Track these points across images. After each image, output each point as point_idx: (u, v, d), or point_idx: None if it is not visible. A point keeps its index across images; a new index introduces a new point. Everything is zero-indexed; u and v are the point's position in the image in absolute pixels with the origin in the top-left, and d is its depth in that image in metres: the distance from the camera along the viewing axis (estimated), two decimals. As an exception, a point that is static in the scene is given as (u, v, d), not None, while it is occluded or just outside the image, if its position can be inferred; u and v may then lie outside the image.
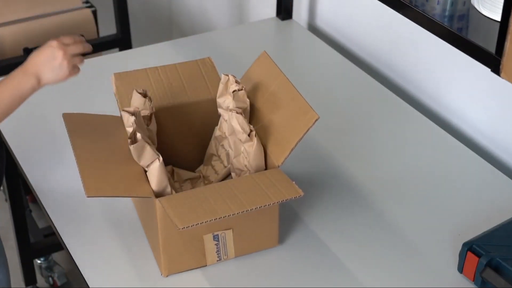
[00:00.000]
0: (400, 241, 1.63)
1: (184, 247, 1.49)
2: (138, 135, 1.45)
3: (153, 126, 1.60)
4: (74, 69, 1.51)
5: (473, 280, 1.50)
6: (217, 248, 1.51)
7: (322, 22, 2.43)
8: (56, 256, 2.67)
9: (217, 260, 1.53)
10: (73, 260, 1.58)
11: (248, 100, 1.59)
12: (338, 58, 2.27)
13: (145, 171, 1.48)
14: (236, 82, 1.59)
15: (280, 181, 1.46)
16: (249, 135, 1.52)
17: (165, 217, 1.42)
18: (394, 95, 2.09)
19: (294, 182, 1.45)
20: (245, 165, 1.54)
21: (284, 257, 1.57)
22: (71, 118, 1.58)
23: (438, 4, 1.55)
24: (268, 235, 1.57)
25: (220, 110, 1.64)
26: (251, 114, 1.61)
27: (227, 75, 1.61)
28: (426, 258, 1.59)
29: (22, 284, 2.58)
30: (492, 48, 1.36)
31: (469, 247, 1.49)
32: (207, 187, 1.48)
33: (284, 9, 2.46)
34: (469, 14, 1.54)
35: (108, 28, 2.98)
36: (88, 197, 1.38)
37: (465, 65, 1.90)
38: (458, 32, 1.46)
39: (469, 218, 1.68)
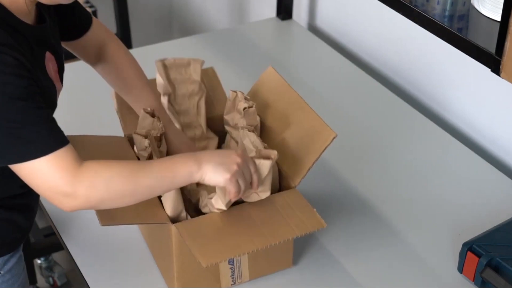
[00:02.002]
0: (400, 241, 1.63)
1: (198, 272, 1.45)
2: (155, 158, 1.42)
3: (164, 147, 1.54)
4: (235, 182, 1.33)
5: (473, 280, 1.50)
6: (231, 272, 1.48)
7: (322, 22, 2.43)
8: (56, 256, 2.67)
9: (231, 284, 1.50)
10: (73, 260, 1.58)
11: (258, 117, 1.55)
12: (338, 58, 2.27)
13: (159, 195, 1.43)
14: (245, 99, 1.55)
15: (301, 209, 1.42)
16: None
17: (182, 243, 1.38)
18: (394, 95, 2.09)
19: (315, 210, 1.42)
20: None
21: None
22: (75, 140, 1.46)
23: (438, 4, 1.55)
24: (282, 257, 1.53)
25: (227, 128, 1.61)
26: (261, 133, 1.57)
27: (235, 92, 1.57)
28: (426, 258, 1.59)
29: (22, 284, 2.58)
30: (492, 48, 1.36)
31: (469, 247, 1.49)
32: (224, 214, 1.41)
33: (284, 9, 2.46)
34: (469, 14, 1.54)
35: (108, 28, 2.97)
36: (102, 225, 1.33)
37: (465, 65, 1.90)
38: (458, 32, 1.46)
39: (469, 218, 1.68)
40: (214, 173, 1.32)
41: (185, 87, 1.63)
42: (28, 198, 1.47)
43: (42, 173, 1.22)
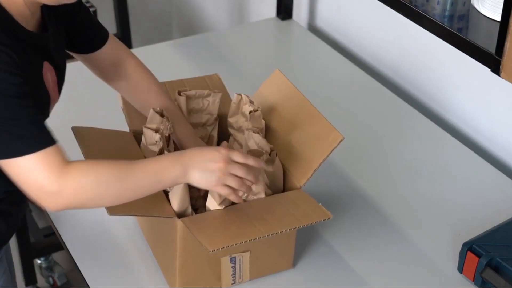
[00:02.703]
0: (400, 241, 1.63)
1: (201, 270, 1.45)
2: (166, 153, 1.42)
3: (171, 147, 1.54)
4: (223, 186, 1.34)
5: (473, 280, 1.50)
6: (233, 271, 1.48)
7: (322, 22, 2.43)
8: (56, 256, 2.67)
9: (232, 284, 1.50)
10: (73, 260, 1.58)
11: (263, 121, 1.56)
12: (338, 58, 2.28)
13: (165, 191, 1.43)
14: (250, 102, 1.55)
15: (306, 203, 1.43)
16: (269, 155, 1.49)
17: (186, 239, 1.38)
18: (394, 95, 2.09)
19: (320, 204, 1.42)
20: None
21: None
22: (81, 131, 1.50)
23: (438, 4, 1.55)
24: (283, 258, 1.53)
25: (231, 130, 1.61)
26: (266, 135, 1.57)
27: (240, 95, 1.57)
28: (426, 258, 1.59)
29: (22, 284, 2.58)
30: (492, 48, 1.36)
31: (469, 247, 1.49)
32: (229, 209, 1.42)
33: (284, 9, 2.46)
34: (469, 14, 1.54)
35: (108, 28, 2.96)
36: (110, 215, 1.32)
37: (465, 65, 1.90)
38: (458, 32, 1.46)
39: (469, 218, 1.68)
40: (199, 179, 1.33)
41: (200, 117, 1.64)
42: (8, 203, 1.46)
43: (29, 171, 1.22)
